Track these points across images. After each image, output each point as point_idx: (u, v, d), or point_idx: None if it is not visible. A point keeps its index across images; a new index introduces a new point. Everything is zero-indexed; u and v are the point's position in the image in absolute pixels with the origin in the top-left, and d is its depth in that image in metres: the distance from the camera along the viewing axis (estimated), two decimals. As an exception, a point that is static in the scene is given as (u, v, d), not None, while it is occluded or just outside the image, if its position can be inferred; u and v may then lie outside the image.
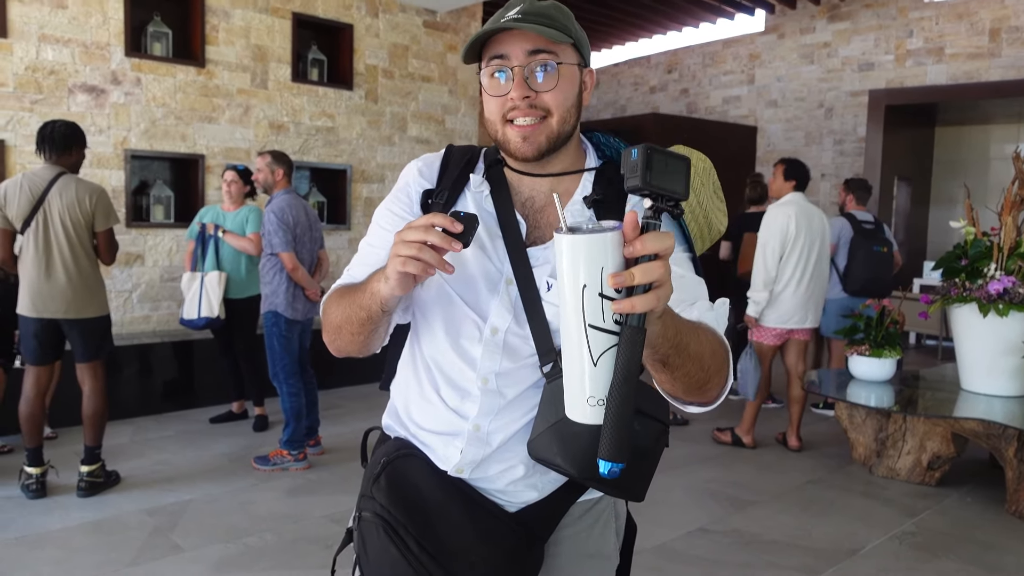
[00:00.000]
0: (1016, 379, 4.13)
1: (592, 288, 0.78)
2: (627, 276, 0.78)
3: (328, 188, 6.87)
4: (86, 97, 5.41)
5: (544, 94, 1.13)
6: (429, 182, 1.26)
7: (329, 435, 4.69)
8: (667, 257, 0.80)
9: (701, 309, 1.10)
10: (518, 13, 1.12)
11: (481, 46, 1.16)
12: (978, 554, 3.33)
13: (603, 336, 0.78)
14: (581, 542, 1.26)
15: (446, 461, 1.19)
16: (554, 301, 1.13)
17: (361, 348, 1.21)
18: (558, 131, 1.15)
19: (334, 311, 1.20)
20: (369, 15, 6.82)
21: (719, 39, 11.68)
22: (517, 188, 1.23)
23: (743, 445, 4.71)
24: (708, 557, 3.24)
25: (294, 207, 4.13)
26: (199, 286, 4.72)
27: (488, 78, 1.16)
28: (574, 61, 1.17)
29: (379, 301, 1.08)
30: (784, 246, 4.47)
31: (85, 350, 3.70)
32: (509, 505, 1.21)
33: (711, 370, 1.01)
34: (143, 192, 5.86)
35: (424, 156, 1.31)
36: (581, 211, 1.18)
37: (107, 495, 3.74)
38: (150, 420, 5.09)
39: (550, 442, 1.10)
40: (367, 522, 1.19)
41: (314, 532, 3.38)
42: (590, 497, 1.27)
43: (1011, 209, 4.09)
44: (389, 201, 1.28)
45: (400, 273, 1.01)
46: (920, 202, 10.48)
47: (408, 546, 1.14)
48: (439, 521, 1.16)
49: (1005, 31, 8.95)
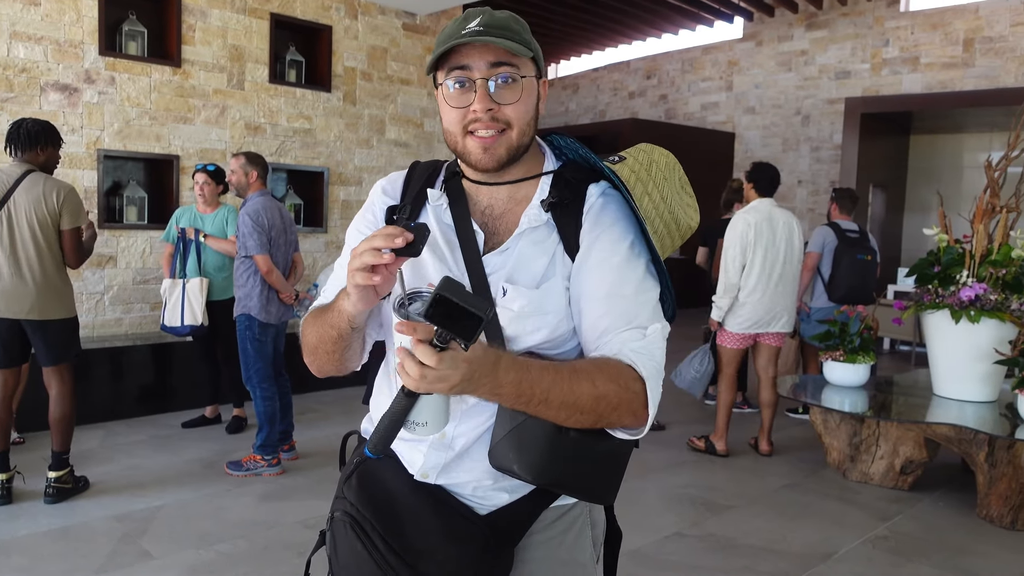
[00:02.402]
0: (987, 384, 4.18)
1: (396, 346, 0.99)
2: (402, 357, 0.94)
3: (305, 190, 6.82)
4: (58, 96, 5.32)
5: (506, 107, 1.15)
6: (393, 198, 1.29)
7: (304, 440, 4.64)
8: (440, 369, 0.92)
9: (624, 340, 1.12)
10: (479, 25, 1.13)
11: (440, 57, 1.16)
12: (950, 558, 3.36)
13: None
14: (554, 548, 1.26)
15: (412, 466, 1.23)
16: (510, 305, 1.16)
17: (339, 366, 1.24)
18: (517, 143, 1.17)
19: (310, 333, 1.23)
20: (348, 17, 6.79)
21: (698, 45, 11.77)
22: (476, 197, 1.25)
23: (716, 452, 4.72)
24: (683, 562, 3.24)
25: (269, 209, 4.09)
26: (181, 293, 4.66)
27: (448, 89, 1.16)
28: (533, 73, 1.18)
29: (346, 318, 1.12)
30: (744, 253, 4.50)
31: (50, 353, 3.62)
32: (480, 507, 1.22)
33: (599, 409, 1.07)
34: (116, 193, 5.78)
35: (390, 175, 1.34)
36: (539, 215, 1.20)
37: (75, 501, 3.67)
38: (121, 424, 5.01)
39: (507, 450, 1.13)
40: (337, 521, 1.21)
41: (287, 538, 3.34)
42: (564, 503, 1.26)
43: (982, 217, 4.15)
44: (356, 221, 1.32)
45: (356, 287, 1.04)
46: (895, 209, 10.62)
47: (375, 543, 1.16)
48: (407, 521, 1.18)
49: (978, 41, 9.10)
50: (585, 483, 1.18)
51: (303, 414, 5.12)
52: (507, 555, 1.22)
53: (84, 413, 4.53)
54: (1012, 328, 3.97)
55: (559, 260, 1.19)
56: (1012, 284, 4.03)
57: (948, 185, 9.69)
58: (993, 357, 3.98)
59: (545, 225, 1.21)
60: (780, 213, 4.67)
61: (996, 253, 4.06)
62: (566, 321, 1.18)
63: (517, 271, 1.18)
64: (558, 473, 1.14)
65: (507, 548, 1.22)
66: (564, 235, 1.19)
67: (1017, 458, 3.64)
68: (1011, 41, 8.85)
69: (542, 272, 1.18)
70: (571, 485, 1.18)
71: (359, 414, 1.35)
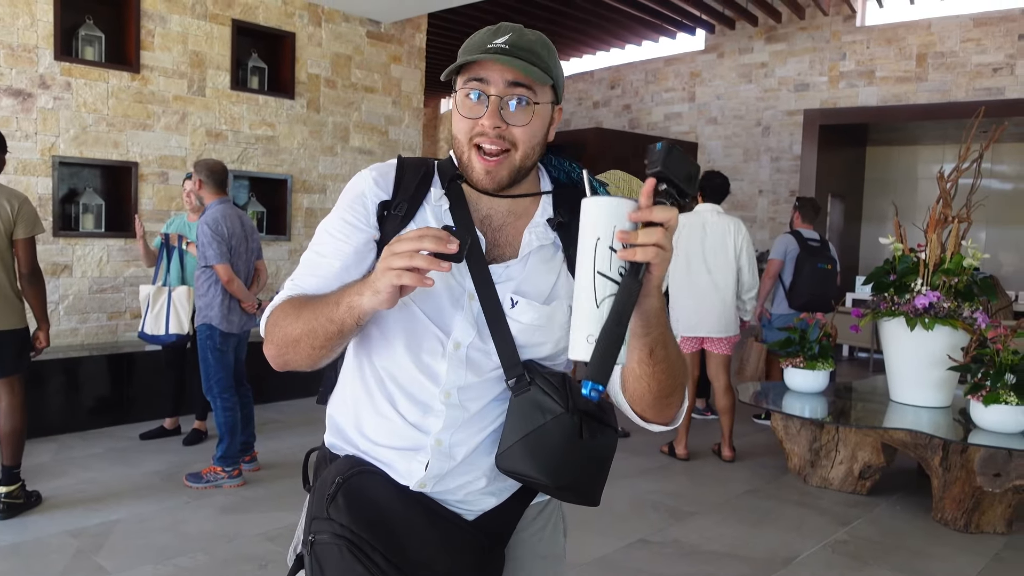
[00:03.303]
0: (941, 391, 4.28)
1: (604, 241, 0.94)
2: (633, 234, 0.92)
3: (268, 198, 6.74)
4: (11, 101, 5.19)
5: (514, 128, 1.15)
6: (386, 193, 1.24)
7: (265, 451, 4.57)
8: (671, 229, 0.93)
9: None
10: (506, 43, 1.13)
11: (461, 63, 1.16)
12: (907, 560, 3.43)
13: (607, 283, 0.94)
14: (535, 544, 1.30)
15: (408, 476, 1.19)
16: (519, 318, 1.17)
17: (316, 362, 1.18)
18: (520, 165, 1.17)
19: (290, 325, 1.16)
20: (312, 24, 6.74)
21: (661, 56, 11.91)
22: (476, 205, 1.23)
23: (676, 456, 4.78)
24: (648, 569, 3.26)
25: (228, 217, 4.03)
26: (166, 300, 4.57)
27: (463, 97, 1.16)
28: (549, 100, 1.19)
29: (357, 315, 1.07)
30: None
31: (1, 365, 3.52)
32: (468, 513, 1.22)
33: (678, 380, 1.11)
34: (72, 200, 5.65)
35: (376, 166, 1.28)
36: (546, 233, 1.22)
37: (27, 516, 3.56)
38: (75, 437, 4.88)
39: (522, 454, 1.14)
40: (324, 545, 1.15)
41: (248, 551, 3.29)
42: (541, 500, 1.30)
43: (935, 227, 4.25)
44: (341, 210, 1.23)
45: (394, 286, 1.01)
46: (853, 219, 10.84)
47: (376, 563, 1.12)
48: (403, 535, 1.16)
49: (931, 56, 9.36)
50: (590, 484, 1.21)
51: (264, 424, 5.04)
52: (499, 556, 1.24)
53: (36, 426, 4.40)
54: (964, 335, 4.07)
55: (563, 279, 1.22)
56: (964, 292, 4.14)
57: (903, 196, 9.93)
58: (947, 363, 4.08)
59: (552, 244, 1.23)
60: (718, 219, 4.72)
61: (948, 262, 4.17)
62: (566, 337, 1.19)
63: (525, 285, 1.19)
64: (575, 475, 1.17)
65: (499, 550, 1.24)
66: (568, 255, 1.22)
67: (970, 462, 3.73)
68: (961, 56, 9.11)
69: (550, 289, 1.20)
70: (582, 486, 1.19)
71: (321, 425, 1.32)
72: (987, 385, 3.80)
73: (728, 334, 4.72)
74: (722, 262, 4.67)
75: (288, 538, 3.34)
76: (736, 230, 4.72)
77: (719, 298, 4.67)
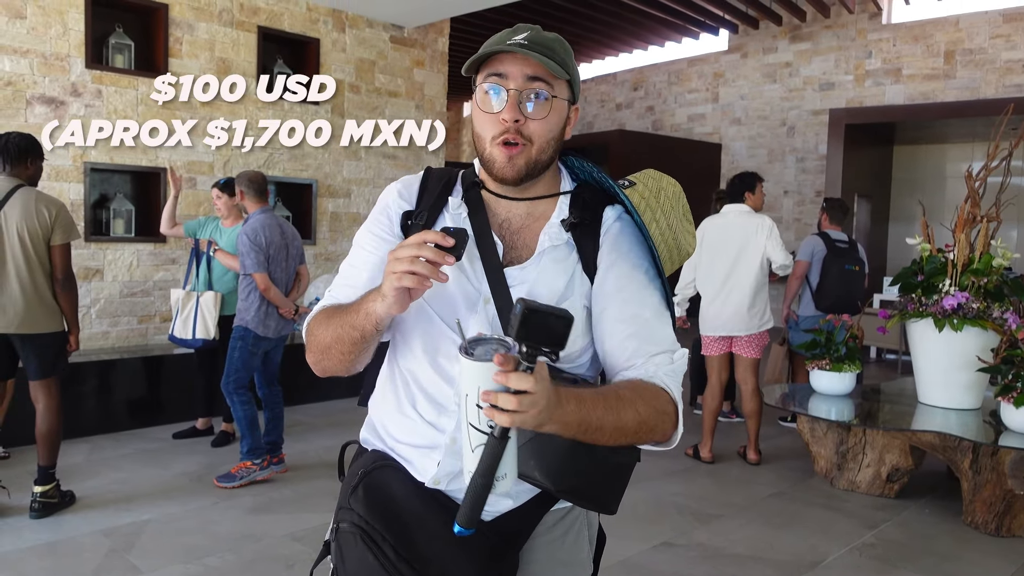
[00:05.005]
0: (971, 392, 4.22)
1: (472, 398, 0.96)
2: (495, 395, 0.92)
3: (293, 203, 6.81)
4: (45, 109, 5.31)
5: (532, 122, 1.18)
6: (409, 203, 1.30)
7: (292, 452, 4.62)
8: (538, 391, 0.92)
9: (659, 364, 1.18)
10: (525, 39, 1.17)
11: (481, 61, 1.19)
12: (936, 564, 3.39)
13: (477, 434, 0.98)
14: (555, 550, 1.30)
15: (424, 473, 1.22)
16: None
17: (349, 367, 1.24)
18: (536, 158, 1.20)
19: (322, 332, 1.22)
20: (336, 30, 6.81)
21: (684, 57, 11.86)
22: (494, 210, 1.27)
23: (701, 459, 4.75)
24: (672, 571, 3.25)
25: (268, 227, 4.13)
26: (194, 306, 4.67)
27: (482, 93, 1.19)
28: (565, 97, 1.22)
29: (374, 321, 1.12)
30: (696, 254, 4.63)
31: (39, 367, 3.61)
32: (485, 514, 1.23)
33: (640, 432, 1.12)
34: (103, 206, 5.76)
35: (403, 178, 1.34)
36: (559, 234, 1.24)
37: (61, 516, 3.64)
38: (108, 438, 4.98)
39: (528, 457, 1.15)
40: (345, 533, 1.22)
41: (276, 551, 3.33)
42: (563, 506, 1.31)
43: (964, 227, 4.20)
44: (370, 223, 1.31)
45: (396, 289, 1.05)
46: (880, 219, 10.71)
47: (386, 554, 1.17)
48: (416, 530, 1.19)
49: (959, 53, 9.22)
50: (596, 492, 1.22)
51: (291, 427, 5.09)
52: (512, 559, 1.26)
53: (70, 427, 4.49)
54: (994, 336, 4.01)
55: (578, 279, 1.24)
56: (993, 293, 4.08)
57: (931, 195, 9.79)
58: (976, 365, 4.02)
59: (565, 244, 1.25)
60: (744, 219, 4.70)
61: (977, 262, 4.11)
62: (581, 338, 1.23)
63: (538, 286, 1.21)
64: (576, 481, 1.18)
65: (512, 552, 1.26)
66: (583, 255, 1.24)
67: (1000, 465, 3.67)
68: (990, 53, 8.97)
69: (562, 290, 1.22)
70: (585, 493, 1.21)
71: (347, 426, 1.36)
72: (1018, 387, 3.74)
73: (754, 331, 4.69)
74: (748, 262, 4.65)
75: (314, 539, 3.38)
76: (759, 227, 4.69)
77: (745, 296, 4.65)
